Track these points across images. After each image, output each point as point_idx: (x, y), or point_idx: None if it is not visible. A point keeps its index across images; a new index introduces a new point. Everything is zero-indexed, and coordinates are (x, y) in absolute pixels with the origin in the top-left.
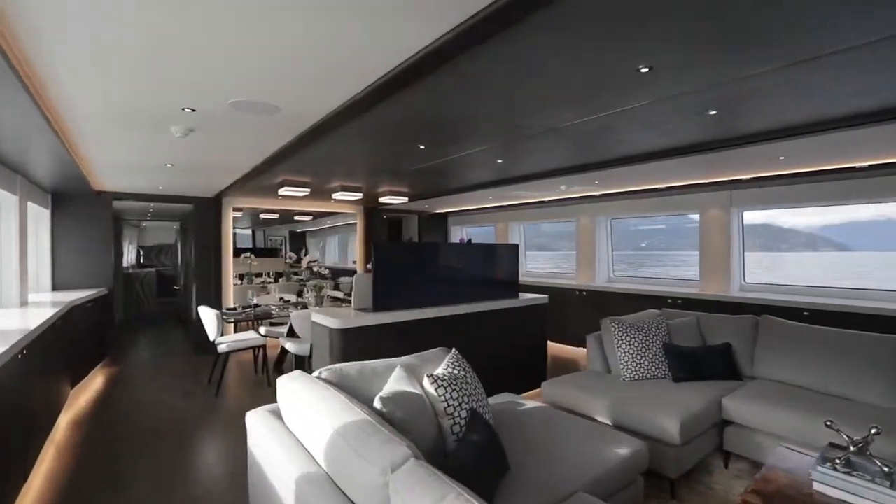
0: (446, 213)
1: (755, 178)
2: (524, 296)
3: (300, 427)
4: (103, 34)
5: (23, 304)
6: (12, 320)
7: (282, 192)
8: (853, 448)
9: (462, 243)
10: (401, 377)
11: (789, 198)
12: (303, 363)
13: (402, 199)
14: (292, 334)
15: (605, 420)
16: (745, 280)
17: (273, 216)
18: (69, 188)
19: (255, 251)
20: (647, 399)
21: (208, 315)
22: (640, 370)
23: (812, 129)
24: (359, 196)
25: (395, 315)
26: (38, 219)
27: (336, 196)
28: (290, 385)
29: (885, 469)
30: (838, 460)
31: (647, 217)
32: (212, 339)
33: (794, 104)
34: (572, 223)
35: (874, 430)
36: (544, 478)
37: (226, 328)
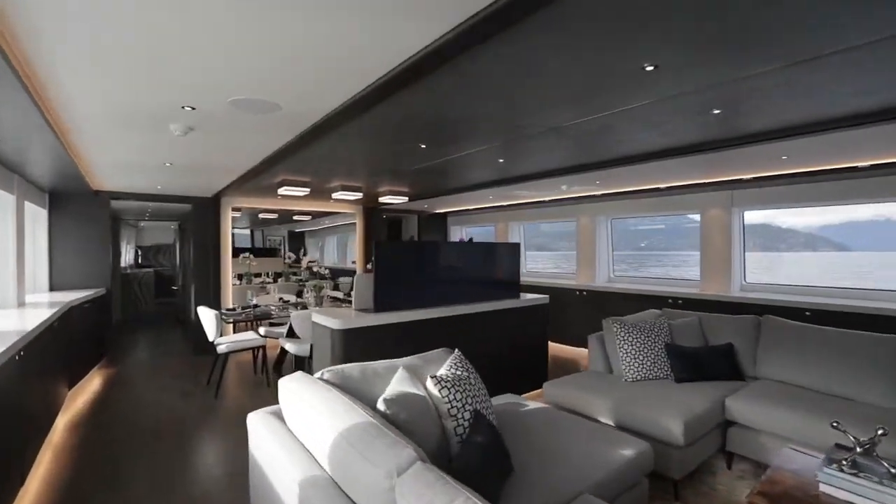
0: (446, 213)
1: (756, 178)
2: (525, 296)
3: (303, 429)
4: (103, 34)
5: (20, 304)
6: (9, 321)
7: (281, 191)
8: (859, 449)
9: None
10: (403, 378)
11: (790, 198)
12: (303, 364)
13: (403, 199)
14: (292, 335)
15: (608, 421)
16: (745, 280)
17: (272, 216)
18: (67, 188)
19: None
20: (649, 400)
21: (207, 315)
22: (643, 370)
23: (813, 129)
24: (359, 196)
25: (396, 315)
26: (36, 218)
27: (336, 196)
28: (292, 386)
29: (892, 470)
30: (845, 461)
31: (647, 217)
32: (211, 339)
33: (794, 104)
34: (570, 223)
35: (881, 431)
36: (549, 480)
37: (225, 328)
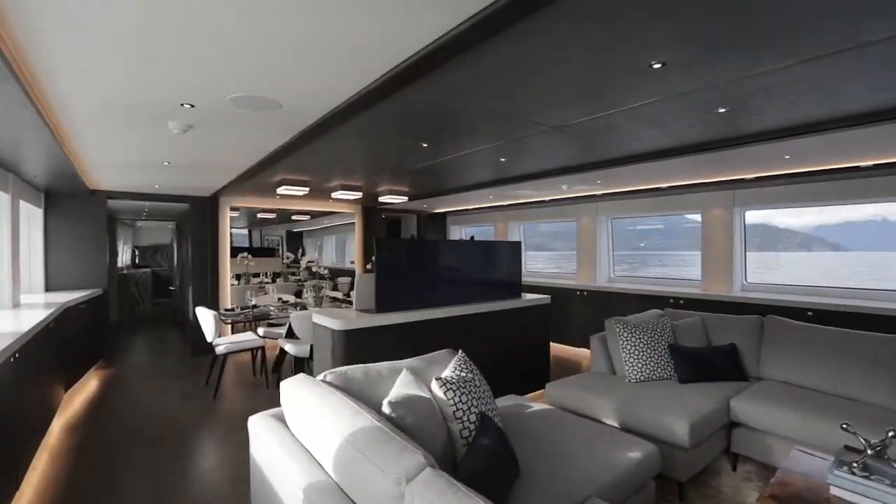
0: (445, 213)
1: (757, 178)
2: (526, 296)
3: (306, 433)
4: (102, 31)
5: (15, 305)
6: (4, 322)
7: (280, 191)
8: (870, 451)
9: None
10: (408, 380)
11: (791, 197)
12: (302, 365)
13: (402, 198)
14: (291, 335)
15: (612, 422)
16: (746, 280)
17: (270, 216)
18: (63, 186)
19: (251, 251)
20: (654, 401)
21: (206, 316)
22: (646, 371)
23: (820, 128)
24: (358, 195)
25: (397, 316)
26: (31, 218)
27: (335, 195)
28: (294, 389)
29: None
30: (855, 464)
31: (647, 217)
32: (209, 340)
33: (803, 101)
34: (569, 223)
35: (891, 433)
36: (556, 483)
37: (223, 329)
